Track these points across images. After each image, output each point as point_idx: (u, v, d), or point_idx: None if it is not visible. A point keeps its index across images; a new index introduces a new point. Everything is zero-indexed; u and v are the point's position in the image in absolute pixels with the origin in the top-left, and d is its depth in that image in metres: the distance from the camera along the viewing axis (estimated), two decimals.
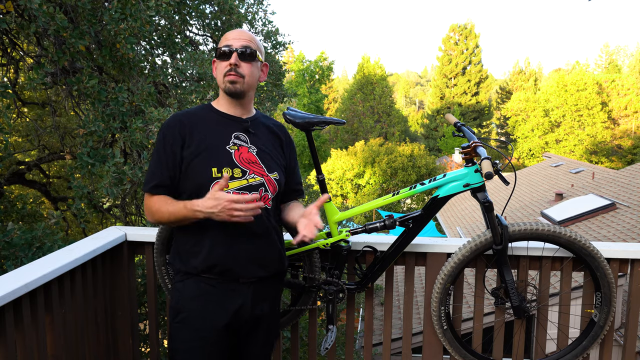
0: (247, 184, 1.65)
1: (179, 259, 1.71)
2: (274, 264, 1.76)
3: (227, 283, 1.67)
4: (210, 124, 1.69)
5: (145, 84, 3.39)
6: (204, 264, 1.65)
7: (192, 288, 1.67)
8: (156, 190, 1.66)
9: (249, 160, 1.68)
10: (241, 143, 1.69)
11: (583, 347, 2.04)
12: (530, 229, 1.91)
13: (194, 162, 1.63)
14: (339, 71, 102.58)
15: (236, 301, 1.68)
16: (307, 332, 4.75)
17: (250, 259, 1.68)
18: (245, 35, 1.70)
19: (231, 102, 1.71)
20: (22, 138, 6.26)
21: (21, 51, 3.86)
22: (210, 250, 1.64)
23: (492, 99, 45.22)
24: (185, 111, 1.75)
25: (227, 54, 1.65)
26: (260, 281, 1.72)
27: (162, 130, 1.68)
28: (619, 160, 32.49)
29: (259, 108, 5.50)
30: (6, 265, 2.64)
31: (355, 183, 26.02)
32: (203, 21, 4.96)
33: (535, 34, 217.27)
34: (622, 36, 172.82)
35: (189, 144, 1.64)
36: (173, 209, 1.61)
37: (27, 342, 1.63)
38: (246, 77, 1.67)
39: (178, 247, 1.72)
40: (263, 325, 1.77)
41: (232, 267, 1.66)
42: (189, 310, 1.67)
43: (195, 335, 1.66)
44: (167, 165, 1.65)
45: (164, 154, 1.65)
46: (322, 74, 30.34)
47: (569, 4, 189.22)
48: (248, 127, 1.72)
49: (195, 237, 1.66)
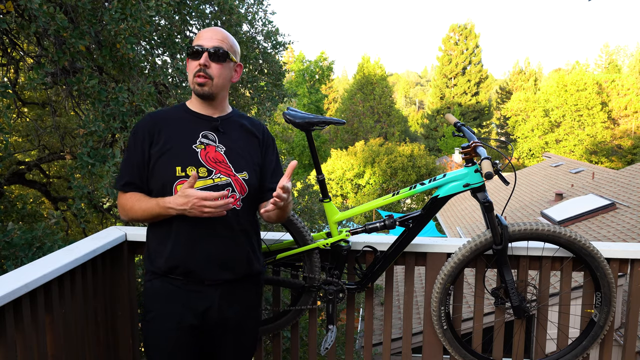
0: (213, 184, 1.62)
1: (147, 258, 1.71)
2: (241, 266, 1.71)
3: (193, 284, 1.65)
4: (180, 123, 1.68)
5: (145, 84, 3.39)
6: (167, 265, 1.64)
7: (158, 288, 1.67)
8: (127, 187, 1.66)
9: (216, 159, 1.65)
10: (209, 142, 1.66)
11: (583, 347, 2.05)
12: (530, 229, 1.91)
13: (159, 161, 1.63)
14: (339, 71, 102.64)
15: (202, 303, 1.66)
16: (307, 332, 4.75)
17: (212, 261, 1.65)
18: (219, 34, 1.67)
19: (203, 103, 1.70)
20: (22, 138, 6.26)
21: (21, 51, 3.86)
22: (172, 251, 1.63)
23: (492, 99, 45.21)
24: (159, 110, 1.75)
25: (197, 54, 1.63)
26: (228, 283, 1.69)
27: (134, 129, 1.69)
28: (619, 160, 32.48)
29: (259, 108, 5.49)
30: (6, 265, 2.64)
31: (355, 183, 26.02)
32: (203, 21, 4.96)
33: (535, 34, 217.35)
34: (622, 36, 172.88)
35: (156, 142, 1.64)
36: (146, 206, 1.61)
37: (27, 342, 1.63)
38: (215, 78, 1.64)
39: (148, 246, 1.73)
40: (234, 329, 1.73)
41: (194, 268, 1.64)
42: (156, 310, 1.67)
43: (163, 335, 1.66)
44: (136, 163, 1.65)
45: (134, 152, 1.66)
46: (322, 74, 30.35)
47: (569, 4, 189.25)
48: (217, 126, 1.69)
49: (160, 236, 1.66)
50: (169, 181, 1.60)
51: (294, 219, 2.00)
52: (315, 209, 6.31)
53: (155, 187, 1.64)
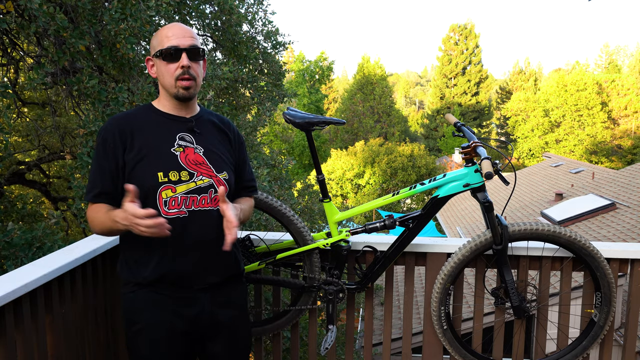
0: (196, 187, 1.57)
1: (127, 270, 1.62)
2: (229, 268, 1.70)
3: (182, 291, 1.61)
4: (152, 126, 1.60)
5: (145, 84, 3.39)
6: (154, 275, 1.57)
7: (144, 299, 1.60)
8: (99, 198, 1.55)
9: (196, 161, 1.59)
10: (186, 144, 1.60)
11: (583, 347, 2.05)
12: (530, 229, 1.91)
13: (137, 168, 1.54)
14: (339, 71, 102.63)
15: (193, 308, 1.62)
16: (307, 332, 4.75)
17: (201, 267, 1.61)
18: (189, 31, 1.59)
19: (176, 104, 1.62)
20: (22, 138, 6.26)
21: (21, 51, 3.86)
22: (160, 261, 1.57)
23: (492, 99, 45.21)
24: (124, 113, 1.66)
25: (175, 55, 1.54)
26: (217, 285, 1.66)
27: (101, 135, 1.57)
28: (619, 160, 32.48)
29: (259, 108, 5.49)
30: (6, 265, 2.64)
31: (355, 183, 26.02)
32: (203, 21, 4.96)
33: (535, 34, 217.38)
34: (622, 36, 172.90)
35: (130, 147, 1.55)
36: (102, 219, 1.52)
37: (27, 342, 1.63)
38: (197, 78, 1.59)
39: (125, 257, 1.64)
40: (226, 330, 1.70)
41: (184, 276, 1.59)
42: (144, 321, 1.60)
43: (153, 346, 1.61)
44: (109, 172, 1.55)
45: (104, 160, 1.55)
46: (322, 74, 30.33)
47: (569, 4, 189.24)
48: (193, 127, 1.63)
49: (143, 246, 1.57)
50: (152, 188, 1.53)
51: (294, 219, 2.00)
52: (315, 209, 6.31)
53: None
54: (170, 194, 1.54)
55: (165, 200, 1.54)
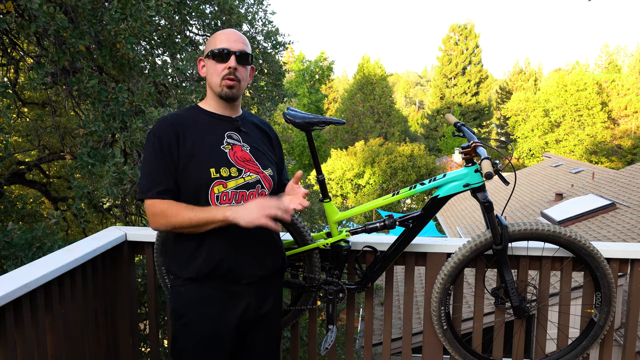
0: (244, 182, 1.66)
1: (177, 264, 1.68)
2: (276, 261, 1.78)
3: (230, 286, 1.67)
4: (201, 125, 1.68)
5: (145, 84, 3.39)
6: (206, 268, 1.63)
7: (194, 293, 1.66)
8: (163, 195, 1.60)
9: (244, 158, 1.68)
10: (234, 142, 1.69)
11: (583, 347, 2.05)
12: (530, 229, 1.91)
13: (190, 164, 1.61)
14: (339, 71, 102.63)
15: (241, 303, 1.68)
16: (307, 332, 4.75)
17: (252, 260, 1.68)
18: (241, 38, 1.70)
19: (222, 104, 1.71)
20: (22, 138, 6.26)
21: (21, 51, 3.86)
22: (212, 255, 1.63)
23: (492, 99, 45.21)
24: (174, 113, 1.72)
25: (224, 56, 1.64)
26: (262, 280, 1.73)
27: (156, 134, 1.64)
28: (619, 160, 32.48)
29: (259, 108, 5.50)
30: (6, 265, 2.64)
31: (355, 183, 26.02)
32: (203, 21, 4.96)
33: (535, 34, 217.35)
34: (622, 36, 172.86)
35: (183, 145, 1.63)
36: (200, 216, 1.56)
37: (27, 342, 1.63)
38: (242, 81, 1.69)
39: (177, 252, 1.69)
40: (266, 322, 1.77)
41: (234, 269, 1.65)
42: (193, 315, 1.66)
43: (201, 339, 1.66)
44: (168, 169, 1.61)
45: (162, 157, 1.61)
46: (322, 74, 30.33)
47: (569, 4, 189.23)
48: (239, 126, 1.72)
49: (195, 241, 1.64)
50: (204, 183, 1.60)
51: (294, 219, 2.00)
52: (315, 209, 6.31)
53: (187, 190, 1.62)
54: (222, 189, 1.62)
55: (217, 195, 1.62)
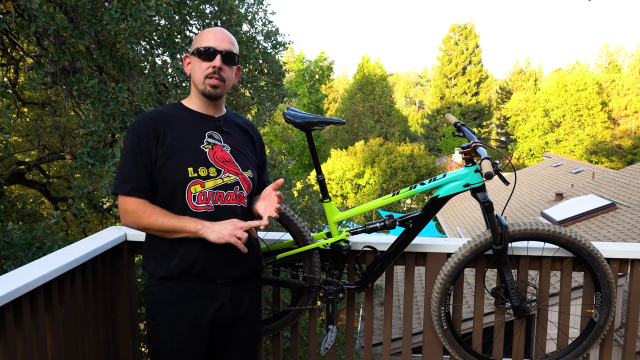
0: (222, 183, 1.64)
1: (154, 263, 1.68)
2: (252, 263, 1.76)
3: (205, 285, 1.67)
4: (183, 123, 1.67)
5: (145, 84, 3.39)
6: (180, 267, 1.63)
7: (168, 292, 1.66)
8: (134, 192, 1.59)
9: (223, 159, 1.67)
10: (215, 142, 1.68)
11: (583, 347, 2.05)
12: (530, 229, 1.91)
13: (168, 162, 1.60)
14: (339, 71, 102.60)
15: (215, 302, 1.68)
16: (307, 332, 4.75)
17: (227, 260, 1.67)
18: (228, 37, 1.69)
19: (205, 102, 1.70)
20: (22, 138, 6.26)
21: (21, 51, 3.86)
22: (187, 253, 1.62)
23: (492, 99, 45.20)
24: (155, 110, 1.72)
25: (210, 55, 1.63)
26: (238, 280, 1.72)
27: (134, 130, 1.62)
28: (619, 160, 32.48)
29: (259, 108, 5.49)
30: (6, 265, 2.64)
31: (355, 183, 26.02)
32: (203, 21, 4.95)
33: (535, 34, 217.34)
34: (622, 36, 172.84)
35: (162, 142, 1.61)
36: (164, 219, 1.57)
37: (27, 342, 1.63)
38: (227, 81, 1.68)
39: (153, 251, 1.69)
40: (245, 323, 1.77)
41: (210, 268, 1.65)
42: (166, 314, 1.66)
43: (175, 338, 1.66)
44: (144, 165, 1.60)
45: (139, 154, 1.60)
46: (322, 74, 30.31)
47: (569, 4, 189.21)
48: (221, 126, 1.71)
49: (170, 240, 1.63)
50: (181, 182, 1.59)
51: (294, 219, 2.00)
52: (315, 209, 6.31)
53: (164, 188, 1.61)
54: (199, 189, 1.61)
55: (194, 195, 1.61)
